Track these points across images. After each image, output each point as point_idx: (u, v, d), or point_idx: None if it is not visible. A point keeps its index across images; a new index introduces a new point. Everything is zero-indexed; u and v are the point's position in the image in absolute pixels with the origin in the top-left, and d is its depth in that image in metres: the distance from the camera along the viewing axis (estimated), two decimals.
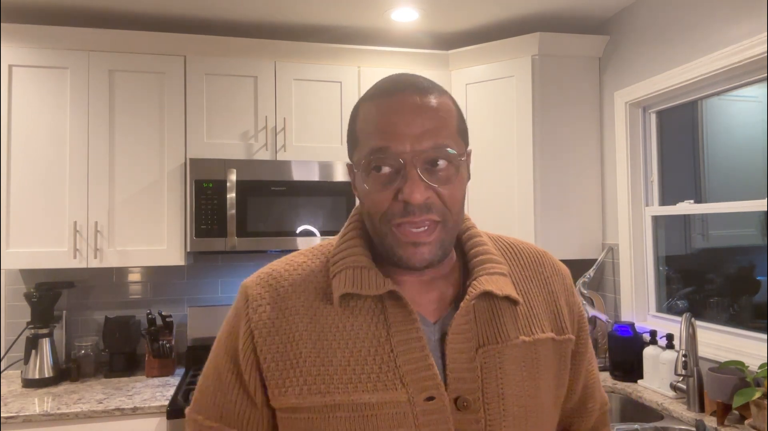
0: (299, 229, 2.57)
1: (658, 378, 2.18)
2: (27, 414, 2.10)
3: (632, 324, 2.42)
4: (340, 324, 0.77)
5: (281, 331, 0.78)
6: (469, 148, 0.81)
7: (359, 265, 0.79)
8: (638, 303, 2.56)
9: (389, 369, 0.74)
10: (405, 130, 0.73)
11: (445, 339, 0.77)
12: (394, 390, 0.73)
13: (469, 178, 0.81)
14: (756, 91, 2.06)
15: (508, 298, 0.80)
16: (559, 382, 0.84)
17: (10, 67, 2.43)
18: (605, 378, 2.42)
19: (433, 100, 0.75)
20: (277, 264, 0.85)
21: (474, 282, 0.79)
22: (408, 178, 0.72)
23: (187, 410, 0.85)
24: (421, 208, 0.73)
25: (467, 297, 0.78)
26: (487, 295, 0.79)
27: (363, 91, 2.73)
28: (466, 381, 0.76)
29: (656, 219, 2.55)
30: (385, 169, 0.74)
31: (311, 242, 2.59)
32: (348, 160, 0.84)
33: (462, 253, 0.85)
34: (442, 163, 0.74)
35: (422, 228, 0.74)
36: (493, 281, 0.80)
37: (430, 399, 0.74)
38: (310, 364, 0.76)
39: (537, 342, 0.81)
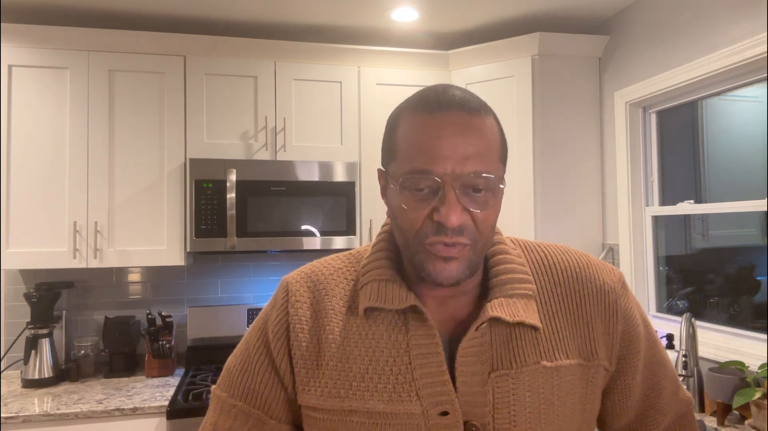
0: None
1: None
2: (27, 414, 2.10)
3: None
4: (363, 332, 0.79)
5: (313, 332, 0.81)
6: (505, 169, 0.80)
7: (384, 278, 0.80)
8: None
9: (406, 380, 0.75)
10: (448, 152, 0.71)
11: (455, 362, 0.76)
12: (409, 402, 0.74)
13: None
14: (756, 91, 2.06)
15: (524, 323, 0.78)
16: (586, 406, 0.80)
17: (10, 67, 2.43)
18: None
19: (479, 123, 0.73)
20: (318, 266, 0.88)
21: (488, 304, 0.77)
22: (445, 201, 0.71)
23: (213, 387, 0.88)
24: (455, 231, 0.72)
25: (476, 321, 0.77)
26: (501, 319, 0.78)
27: (363, 91, 2.75)
28: (477, 405, 0.75)
29: (656, 219, 2.55)
30: (423, 189, 0.72)
31: (312, 242, 2.59)
32: (380, 166, 0.82)
33: (485, 269, 0.83)
34: (481, 188, 0.73)
35: (453, 247, 0.73)
36: (509, 305, 0.77)
37: (444, 414, 0.74)
38: (332, 368, 0.78)
39: (560, 368, 0.78)
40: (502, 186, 0.75)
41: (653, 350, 0.87)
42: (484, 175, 0.72)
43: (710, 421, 1.86)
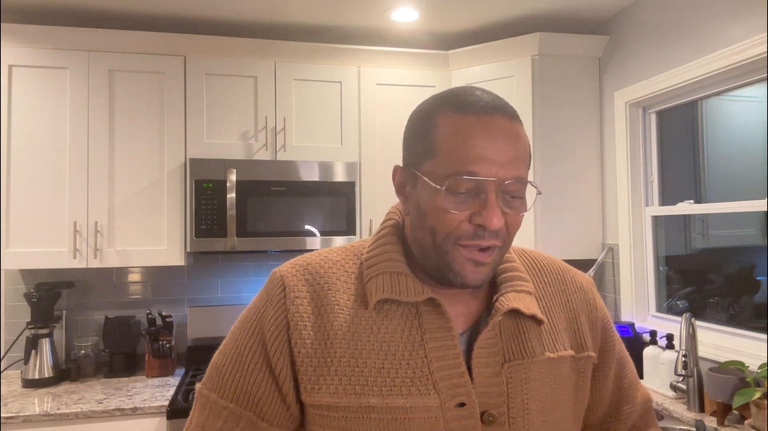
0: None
1: (658, 379, 2.18)
2: (27, 414, 2.10)
3: (632, 325, 2.42)
4: (374, 326, 0.79)
5: (317, 329, 0.79)
6: None
7: (396, 271, 0.80)
8: (638, 304, 2.56)
9: (423, 374, 0.76)
10: (494, 157, 0.73)
11: (471, 353, 0.78)
12: (427, 396, 0.75)
13: None
14: (756, 91, 2.06)
15: (533, 317, 0.82)
16: (578, 397, 0.86)
17: (10, 67, 2.43)
18: None
19: (518, 129, 0.76)
20: (312, 258, 0.85)
21: (501, 298, 0.81)
22: (488, 204, 0.73)
23: (198, 386, 0.84)
24: (492, 233, 0.74)
25: (494, 312, 0.80)
26: (514, 312, 0.82)
27: (363, 91, 2.75)
28: (491, 395, 0.77)
29: (656, 219, 2.55)
30: (463, 192, 0.74)
31: (312, 242, 2.59)
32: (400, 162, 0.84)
33: None
34: (517, 193, 0.76)
35: (487, 252, 0.76)
36: (520, 299, 0.81)
37: (461, 405, 0.75)
38: (345, 365, 0.77)
39: (560, 359, 0.83)
40: (538, 193, 0.80)
41: (620, 346, 0.95)
42: (521, 179, 0.75)
43: (710, 421, 1.86)
